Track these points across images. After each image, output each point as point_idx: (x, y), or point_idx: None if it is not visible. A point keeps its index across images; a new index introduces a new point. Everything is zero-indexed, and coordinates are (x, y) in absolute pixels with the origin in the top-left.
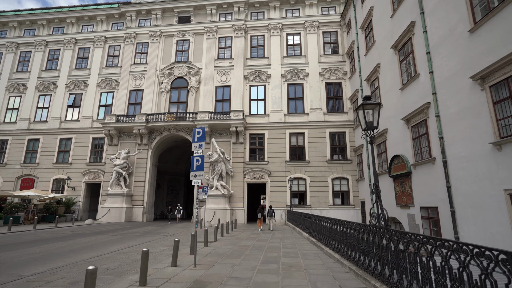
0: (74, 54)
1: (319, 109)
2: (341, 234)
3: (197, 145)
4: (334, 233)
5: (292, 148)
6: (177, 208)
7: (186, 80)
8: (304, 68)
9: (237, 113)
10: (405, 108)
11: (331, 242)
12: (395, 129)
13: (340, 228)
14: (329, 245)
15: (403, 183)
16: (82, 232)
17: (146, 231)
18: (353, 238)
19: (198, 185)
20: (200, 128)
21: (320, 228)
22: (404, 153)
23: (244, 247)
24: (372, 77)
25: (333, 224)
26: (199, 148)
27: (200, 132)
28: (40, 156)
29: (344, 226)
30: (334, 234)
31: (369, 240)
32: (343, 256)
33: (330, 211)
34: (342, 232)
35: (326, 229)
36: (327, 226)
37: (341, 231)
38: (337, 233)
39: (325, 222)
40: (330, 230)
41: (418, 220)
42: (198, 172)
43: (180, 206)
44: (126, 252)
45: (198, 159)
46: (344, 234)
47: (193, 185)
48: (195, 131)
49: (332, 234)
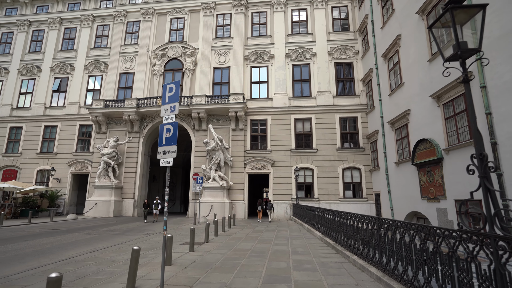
0: (60, 35)
1: (327, 92)
2: (378, 239)
3: (169, 107)
4: (367, 236)
5: (298, 135)
6: (154, 202)
7: (181, 61)
8: (311, 47)
9: (237, 97)
10: (435, 82)
11: (358, 246)
12: (421, 109)
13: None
14: (355, 251)
15: (431, 172)
16: (53, 230)
17: (130, 228)
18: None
19: (169, 166)
20: (173, 83)
21: (339, 226)
22: (433, 137)
23: (241, 252)
24: (391, 52)
25: (365, 224)
26: (170, 111)
27: (173, 89)
28: (23, 145)
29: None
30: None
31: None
32: (386, 272)
33: (340, 205)
34: (380, 237)
35: (351, 229)
36: (352, 226)
37: (380, 235)
38: (371, 237)
39: (350, 220)
40: (357, 232)
41: (452, 215)
42: (169, 147)
43: (158, 200)
44: (80, 261)
45: (169, 127)
46: (385, 241)
47: (161, 166)
48: (166, 87)
49: (361, 236)
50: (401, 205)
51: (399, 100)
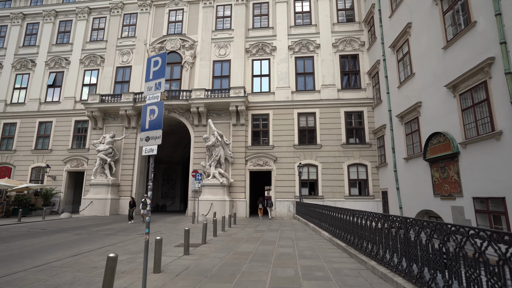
0: (55, 28)
1: (332, 86)
2: (406, 244)
3: (153, 85)
4: (389, 239)
5: (301, 130)
6: (142, 201)
7: (180, 54)
8: (314, 39)
9: (238, 90)
10: (450, 72)
11: (377, 250)
12: (434, 101)
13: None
14: (373, 255)
15: (445, 167)
16: (42, 230)
17: (124, 228)
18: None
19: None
20: (158, 56)
21: (352, 227)
22: (448, 130)
23: (242, 256)
24: (400, 42)
25: (386, 224)
26: (155, 89)
27: (159, 62)
28: (17, 142)
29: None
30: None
31: None
32: (419, 285)
33: (345, 203)
34: (408, 241)
35: (367, 230)
36: (369, 227)
37: (408, 238)
38: (395, 240)
39: (367, 220)
40: (375, 233)
41: (470, 214)
42: (154, 132)
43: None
44: (57, 267)
45: (154, 109)
46: (416, 246)
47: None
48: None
49: (381, 239)
50: (411, 203)
51: (409, 92)
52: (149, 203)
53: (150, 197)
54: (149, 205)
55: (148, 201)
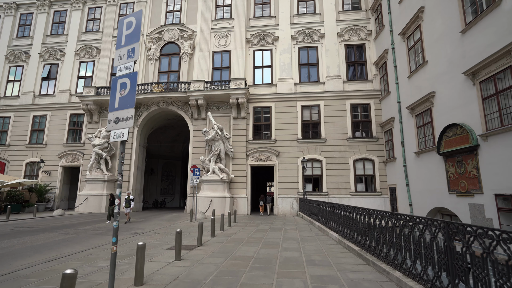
0: (49, 19)
1: (337, 77)
2: (448, 255)
3: (125, 52)
4: (419, 247)
5: (305, 123)
6: (126, 199)
7: (178, 45)
8: (318, 28)
9: (238, 82)
10: (469, 57)
11: (403, 259)
12: (449, 90)
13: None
14: (398, 264)
15: (462, 162)
16: (28, 229)
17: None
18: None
19: (123, 140)
20: (132, 16)
21: (368, 229)
22: (465, 121)
23: (241, 262)
24: (411, 28)
25: (416, 229)
26: (128, 57)
27: (132, 24)
28: (11, 136)
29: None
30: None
31: None
32: None
33: (351, 199)
34: (451, 250)
35: (388, 234)
36: (392, 232)
37: (451, 248)
38: (429, 249)
39: (385, 222)
40: (400, 239)
41: (491, 212)
42: (124, 112)
43: (131, 196)
44: (23, 276)
45: (125, 82)
46: (462, 258)
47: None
48: (123, 23)
49: (408, 245)
50: (423, 200)
51: (420, 82)
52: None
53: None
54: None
55: (116, 202)
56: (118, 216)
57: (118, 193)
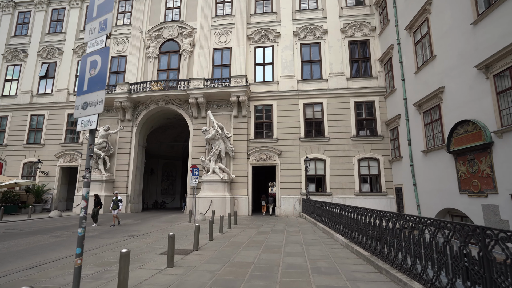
0: (47, 17)
1: (340, 74)
2: (483, 266)
3: (97, 25)
4: (452, 258)
5: (307, 122)
6: (113, 200)
7: (178, 42)
8: (321, 24)
9: (239, 79)
10: (482, 50)
11: (423, 268)
12: (460, 85)
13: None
14: (417, 274)
15: (474, 160)
16: (19, 231)
17: (112, 229)
18: None
19: (92, 129)
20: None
21: (380, 233)
22: (478, 117)
23: (239, 269)
24: (417, 22)
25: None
26: (99, 31)
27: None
28: (9, 136)
29: None
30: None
31: None
32: None
33: (356, 200)
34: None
35: (405, 240)
36: (411, 238)
37: (490, 259)
38: (457, 259)
39: (400, 225)
40: (419, 245)
41: (507, 213)
42: (94, 94)
43: (118, 196)
44: None
45: (96, 60)
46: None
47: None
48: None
49: (429, 253)
50: (431, 200)
51: (428, 77)
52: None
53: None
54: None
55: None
56: (85, 222)
57: (85, 193)
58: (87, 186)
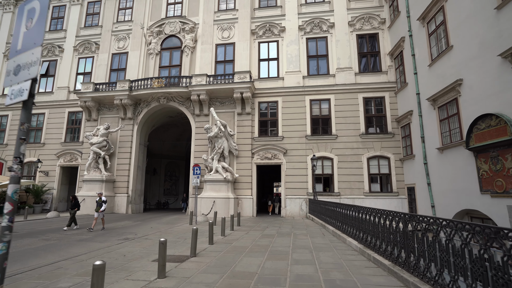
0: (48, 14)
1: (348, 69)
2: None
3: None
4: (499, 272)
5: (314, 119)
6: (97, 201)
7: (180, 38)
8: (328, 18)
9: (243, 75)
10: (506, 36)
11: (470, 284)
12: (481, 76)
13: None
14: None
15: (498, 157)
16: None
17: (108, 230)
18: None
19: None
20: None
21: (405, 239)
22: (503, 111)
23: (240, 280)
24: (432, 11)
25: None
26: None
27: None
28: (9, 135)
29: None
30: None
31: None
32: None
33: (365, 200)
34: None
35: (440, 250)
36: (444, 248)
37: None
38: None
39: (435, 231)
40: (463, 258)
41: None
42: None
43: (102, 197)
44: None
45: (34, 7)
46: None
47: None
48: None
49: (476, 268)
50: (447, 201)
51: (444, 70)
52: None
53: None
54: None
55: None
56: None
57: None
58: (16, 182)
